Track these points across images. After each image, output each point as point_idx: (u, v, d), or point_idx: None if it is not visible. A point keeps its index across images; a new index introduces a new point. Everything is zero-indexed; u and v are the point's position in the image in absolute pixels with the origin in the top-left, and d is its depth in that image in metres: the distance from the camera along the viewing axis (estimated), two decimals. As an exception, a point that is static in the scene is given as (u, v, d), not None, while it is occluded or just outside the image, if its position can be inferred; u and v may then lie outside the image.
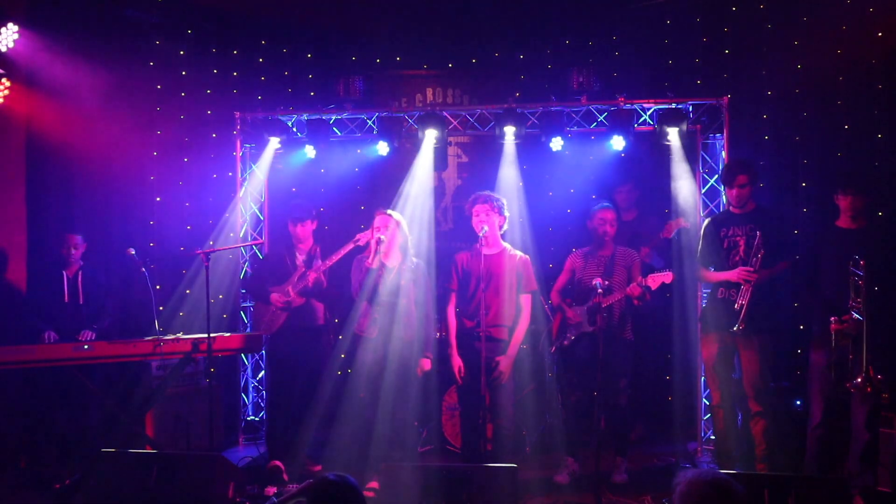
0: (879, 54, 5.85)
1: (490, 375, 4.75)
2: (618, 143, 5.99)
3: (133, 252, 5.35)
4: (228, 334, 5.58)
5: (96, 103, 6.20)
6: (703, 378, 5.75)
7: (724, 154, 5.84)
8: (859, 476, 4.46)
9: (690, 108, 5.97)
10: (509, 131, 6.03)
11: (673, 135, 5.80)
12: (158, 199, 6.59)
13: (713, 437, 5.41)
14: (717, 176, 5.92)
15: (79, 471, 4.97)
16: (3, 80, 5.70)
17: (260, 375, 6.58)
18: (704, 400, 5.77)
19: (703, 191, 5.99)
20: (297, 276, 5.36)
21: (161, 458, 4.19)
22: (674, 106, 5.91)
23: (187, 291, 6.18)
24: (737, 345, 4.86)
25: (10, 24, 5.58)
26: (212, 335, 5.06)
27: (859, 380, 4.17)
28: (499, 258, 4.90)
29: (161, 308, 5.64)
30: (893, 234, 4.69)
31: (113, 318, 5.84)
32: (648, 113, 6.07)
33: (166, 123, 6.59)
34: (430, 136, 6.07)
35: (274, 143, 6.29)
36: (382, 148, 6.25)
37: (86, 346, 5.19)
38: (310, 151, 6.35)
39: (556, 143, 6.09)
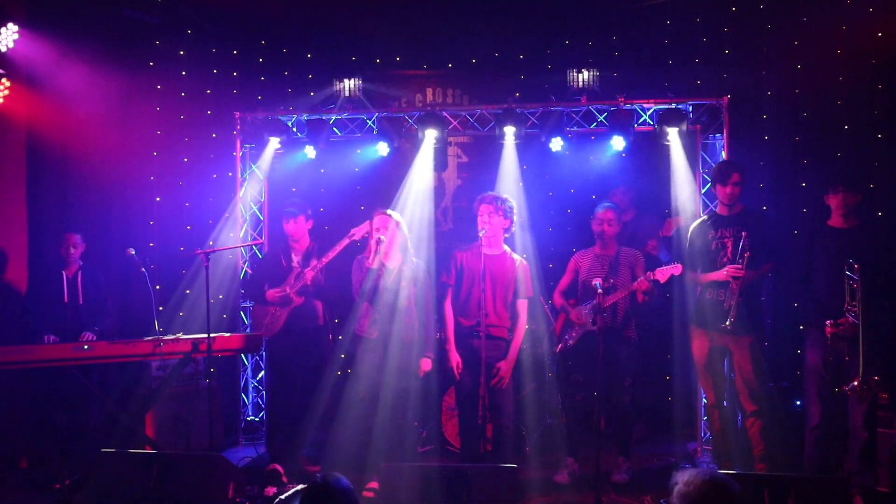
0: (879, 54, 5.85)
1: (490, 376, 4.75)
2: (618, 143, 5.99)
3: (133, 252, 5.36)
4: (228, 334, 5.58)
5: (96, 103, 6.20)
6: (702, 378, 5.75)
7: (723, 154, 5.84)
8: (858, 476, 4.46)
9: (690, 109, 5.97)
10: (509, 131, 6.03)
11: (673, 135, 5.81)
12: (158, 199, 6.59)
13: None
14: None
15: (79, 471, 4.96)
16: (3, 80, 5.69)
17: (260, 375, 6.59)
18: (704, 400, 5.76)
19: (703, 191, 5.98)
20: (293, 276, 5.35)
21: (161, 458, 4.18)
22: (673, 106, 5.91)
23: (187, 291, 6.17)
24: (728, 345, 4.87)
25: (10, 24, 5.57)
26: (212, 335, 5.05)
27: (856, 383, 4.18)
28: (498, 260, 4.90)
29: (161, 308, 5.63)
30: (886, 233, 4.69)
31: (113, 318, 5.83)
32: (648, 113, 6.07)
33: (166, 123, 6.58)
34: (430, 136, 6.07)
35: (274, 143, 6.29)
36: (382, 148, 6.26)
37: (86, 347, 5.19)
38: (310, 152, 6.35)
39: (556, 144, 6.10)
